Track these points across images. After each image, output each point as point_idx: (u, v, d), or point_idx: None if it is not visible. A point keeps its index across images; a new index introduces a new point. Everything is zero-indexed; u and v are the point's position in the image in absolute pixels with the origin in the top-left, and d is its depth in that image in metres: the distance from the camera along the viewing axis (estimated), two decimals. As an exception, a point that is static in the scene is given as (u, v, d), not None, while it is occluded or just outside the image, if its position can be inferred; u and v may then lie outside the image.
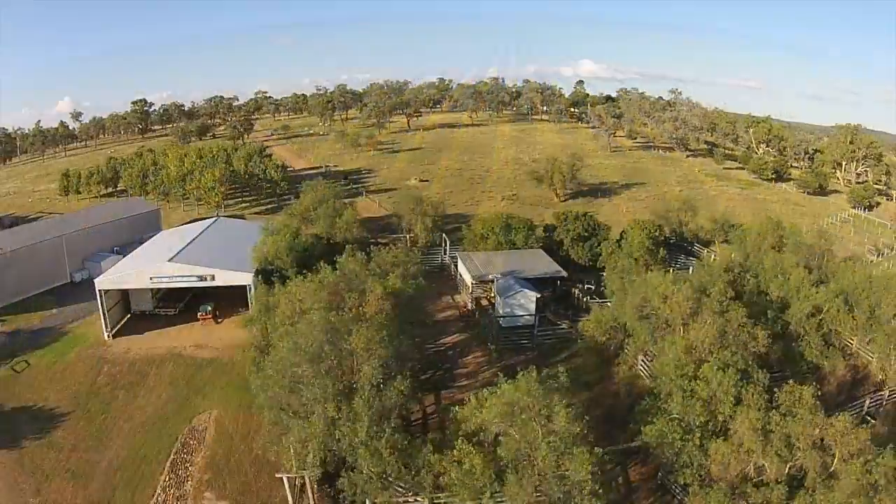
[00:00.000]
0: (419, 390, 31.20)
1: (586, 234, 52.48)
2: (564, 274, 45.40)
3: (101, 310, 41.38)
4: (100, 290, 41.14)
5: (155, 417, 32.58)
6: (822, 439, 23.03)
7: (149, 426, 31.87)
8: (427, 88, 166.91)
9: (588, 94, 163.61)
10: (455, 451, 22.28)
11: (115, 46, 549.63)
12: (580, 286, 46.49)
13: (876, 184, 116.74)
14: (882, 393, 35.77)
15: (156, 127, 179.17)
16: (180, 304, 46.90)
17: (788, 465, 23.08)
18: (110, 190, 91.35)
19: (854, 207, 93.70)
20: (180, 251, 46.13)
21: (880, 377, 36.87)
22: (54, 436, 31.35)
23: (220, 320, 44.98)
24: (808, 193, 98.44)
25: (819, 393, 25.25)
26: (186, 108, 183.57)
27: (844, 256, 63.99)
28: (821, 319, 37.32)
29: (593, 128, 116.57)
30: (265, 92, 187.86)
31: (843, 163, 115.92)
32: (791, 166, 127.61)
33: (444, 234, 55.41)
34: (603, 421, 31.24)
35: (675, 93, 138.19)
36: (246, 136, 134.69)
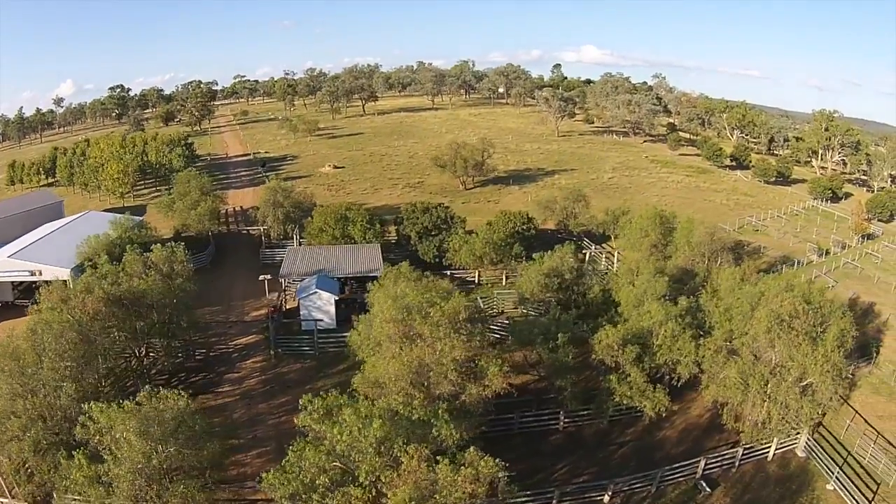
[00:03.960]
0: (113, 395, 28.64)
1: (444, 226, 48.02)
2: (378, 274, 41.10)
3: None
4: None
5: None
6: None
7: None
8: (402, 72, 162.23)
9: (566, 78, 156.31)
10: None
11: (119, 29, 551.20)
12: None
13: (857, 173, 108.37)
14: (735, 450, 28.34)
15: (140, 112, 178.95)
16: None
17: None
18: (51, 180, 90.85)
19: (815, 199, 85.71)
20: (27, 246, 46.30)
21: (740, 428, 28.68)
22: None
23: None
24: (767, 182, 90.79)
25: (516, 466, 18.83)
26: (166, 93, 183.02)
27: (776, 257, 57.38)
28: (659, 346, 29.47)
29: (543, 111, 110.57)
30: (243, 76, 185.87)
31: (820, 151, 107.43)
32: (772, 153, 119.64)
33: (296, 227, 51.62)
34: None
35: (659, 77, 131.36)
36: (207, 121, 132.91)
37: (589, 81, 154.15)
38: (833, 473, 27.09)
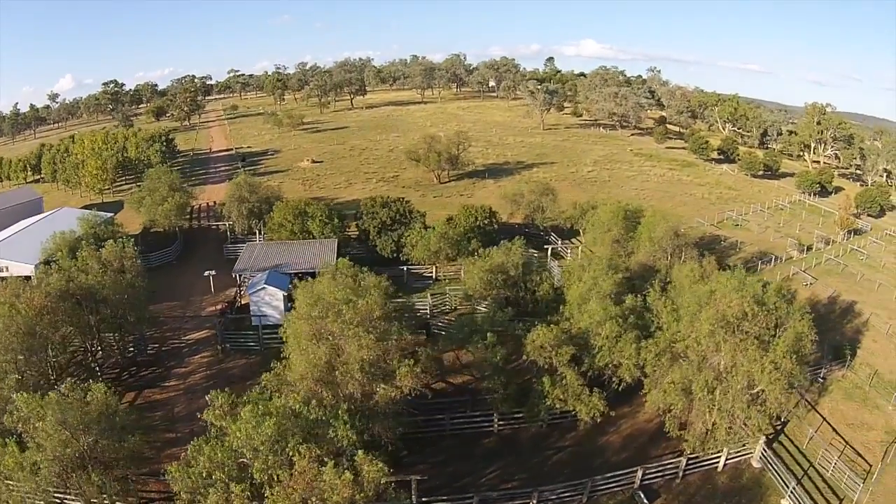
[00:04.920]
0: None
1: (403, 220, 47.59)
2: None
3: None
4: None
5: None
6: None
7: None
8: (394, 66, 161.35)
9: (559, 71, 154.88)
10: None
11: (119, 24, 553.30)
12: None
13: (851, 167, 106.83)
14: (679, 460, 26.26)
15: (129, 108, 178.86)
16: None
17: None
18: (37, 177, 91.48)
19: (802, 193, 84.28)
20: (-3, 242, 47.26)
21: (684, 436, 26.65)
22: None
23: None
24: (754, 176, 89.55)
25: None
26: (160, 88, 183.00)
27: (754, 253, 56.25)
28: (599, 348, 27.96)
29: (529, 104, 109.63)
30: (237, 71, 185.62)
31: (812, 144, 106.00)
32: (764, 147, 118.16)
33: (259, 222, 51.30)
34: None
35: (654, 71, 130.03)
36: (196, 116, 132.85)
37: (583, 75, 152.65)
38: (788, 487, 24.77)
